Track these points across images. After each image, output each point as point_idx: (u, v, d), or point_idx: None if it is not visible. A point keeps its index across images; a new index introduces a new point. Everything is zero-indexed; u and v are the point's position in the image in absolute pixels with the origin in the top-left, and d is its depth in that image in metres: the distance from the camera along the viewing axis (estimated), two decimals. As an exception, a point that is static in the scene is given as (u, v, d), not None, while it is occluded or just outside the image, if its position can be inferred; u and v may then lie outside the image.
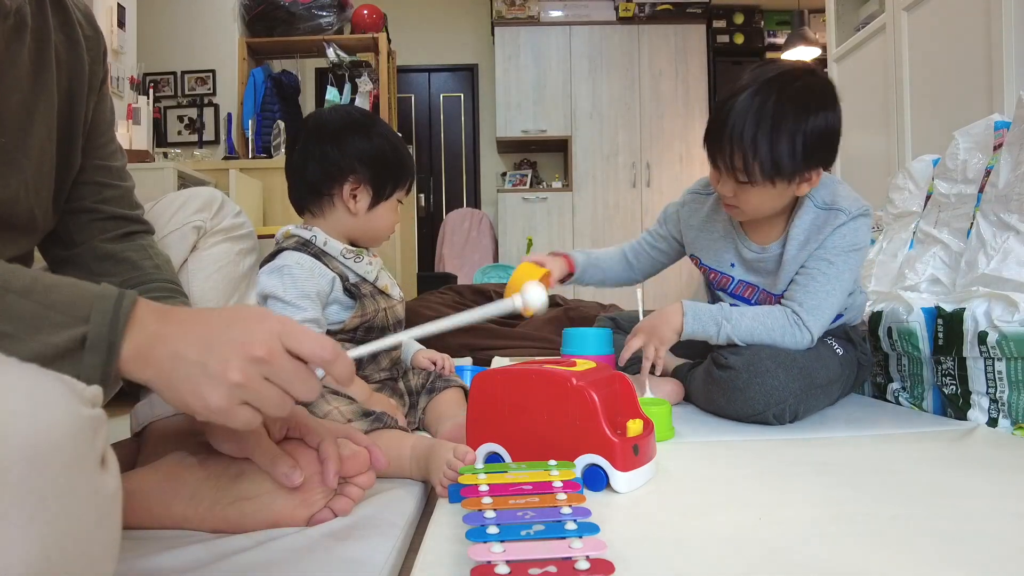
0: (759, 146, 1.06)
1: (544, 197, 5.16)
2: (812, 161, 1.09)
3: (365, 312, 1.07)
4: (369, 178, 1.07)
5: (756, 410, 1.09)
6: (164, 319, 0.53)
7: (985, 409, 1.10)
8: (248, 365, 0.50)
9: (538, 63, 5.19)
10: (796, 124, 1.06)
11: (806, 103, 1.07)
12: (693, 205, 1.35)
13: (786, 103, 1.06)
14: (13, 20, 0.65)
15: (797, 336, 1.14)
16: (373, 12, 3.65)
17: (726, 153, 1.10)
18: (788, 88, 1.07)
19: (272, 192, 3.17)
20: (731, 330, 1.15)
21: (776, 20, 5.27)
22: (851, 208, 1.15)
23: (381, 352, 1.10)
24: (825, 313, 1.15)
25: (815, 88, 1.09)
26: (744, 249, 1.25)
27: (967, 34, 2.00)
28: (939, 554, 0.59)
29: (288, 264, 1.01)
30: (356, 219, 1.08)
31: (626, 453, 0.76)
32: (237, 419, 0.51)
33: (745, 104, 1.07)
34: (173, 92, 4.01)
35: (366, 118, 1.10)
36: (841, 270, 1.15)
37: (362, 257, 1.09)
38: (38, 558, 0.29)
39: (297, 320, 0.98)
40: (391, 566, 0.60)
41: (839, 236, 1.15)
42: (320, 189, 1.07)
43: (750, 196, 1.13)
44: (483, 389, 0.83)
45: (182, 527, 0.66)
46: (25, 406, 0.31)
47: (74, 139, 0.76)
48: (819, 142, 1.08)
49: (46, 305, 0.51)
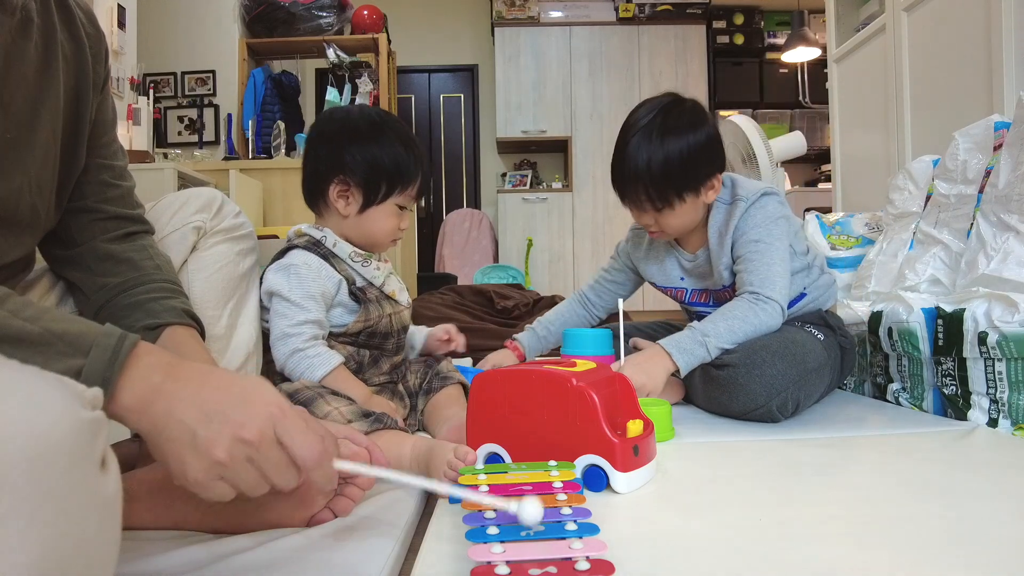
0: (655, 175, 1.20)
1: (544, 198, 5.16)
2: (705, 170, 1.22)
3: (369, 317, 1.07)
4: (359, 180, 1.06)
5: (759, 403, 1.10)
6: (170, 374, 0.53)
7: (985, 410, 1.10)
8: (236, 446, 0.50)
9: (538, 64, 5.19)
10: (679, 146, 1.19)
11: (679, 127, 1.21)
12: (635, 240, 1.49)
13: (665, 133, 1.20)
14: (19, 16, 0.65)
15: (767, 310, 1.19)
16: (373, 13, 3.65)
17: (633, 192, 1.24)
18: (663, 119, 1.22)
19: (272, 192, 3.17)
20: (716, 341, 1.17)
21: (776, 20, 5.26)
22: (750, 195, 1.26)
23: (382, 356, 1.11)
24: (776, 281, 1.20)
25: (684, 111, 1.24)
26: (683, 260, 1.38)
27: (967, 34, 2.00)
28: (939, 554, 0.59)
29: (296, 263, 1.02)
30: (347, 221, 1.08)
31: (626, 454, 0.76)
32: (210, 493, 0.51)
33: (634, 145, 1.22)
34: (173, 92, 4.01)
35: (371, 121, 1.09)
36: (770, 242, 1.22)
37: (370, 261, 1.10)
38: (39, 560, 0.29)
39: (299, 320, 0.98)
40: (391, 567, 0.60)
41: (749, 218, 1.24)
42: (312, 188, 1.09)
43: (669, 219, 1.25)
44: (483, 390, 0.83)
45: (182, 527, 0.67)
46: (25, 408, 0.31)
47: (79, 137, 0.76)
48: (704, 153, 1.21)
49: (52, 334, 0.51)
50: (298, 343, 0.98)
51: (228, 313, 0.93)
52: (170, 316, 0.76)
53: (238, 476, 0.51)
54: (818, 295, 1.35)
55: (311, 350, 0.98)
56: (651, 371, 1.14)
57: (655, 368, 1.15)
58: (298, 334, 0.98)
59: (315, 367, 0.97)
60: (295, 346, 0.98)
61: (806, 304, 1.34)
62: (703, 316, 1.33)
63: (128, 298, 0.77)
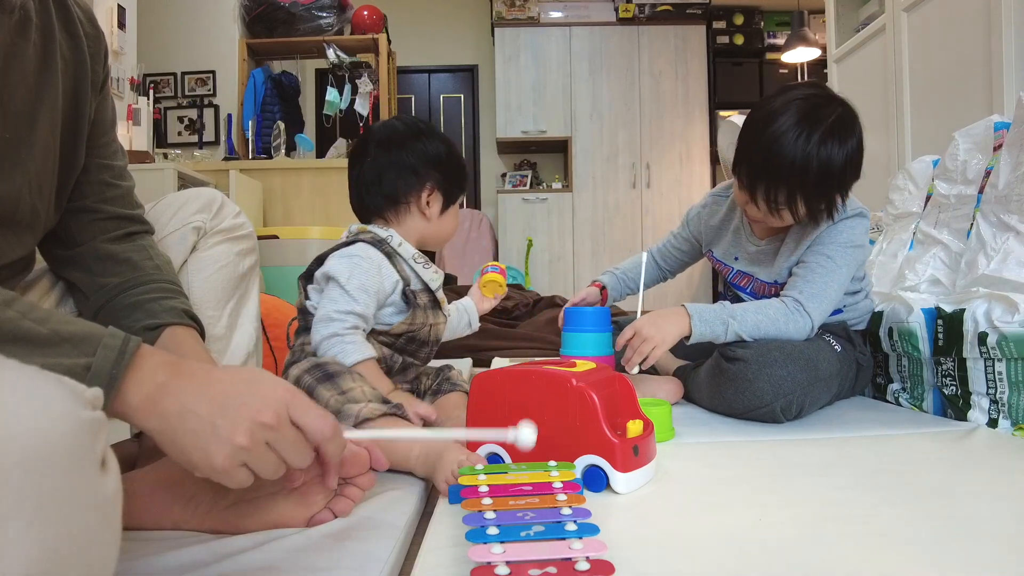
0: (801, 195, 1.12)
1: (544, 198, 5.16)
2: (851, 182, 1.15)
3: (414, 322, 1.10)
4: (440, 183, 1.12)
5: (764, 401, 1.10)
6: (175, 372, 0.54)
7: (985, 410, 1.10)
8: (256, 430, 0.52)
9: (538, 64, 5.19)
10: (835, 175, 1.11)
11: (840, 137, 1.10)
12: (713, 207, 1.45)
13: (826, 143, 1.09)
14: (18, 16, 0.65)
15: (799, 322, 1.17)
16: (373, 13, 3.65)
17: (769, 190, 1.13)
18: (825, 123, 1.10)
19: (272, 193, 3.17)
20: (738, 327, 1.16)
21: (776, 21, 5.26)
22: (852, 210, 1.21)
23: (412, 365, 1.14)
24: (822, 301, 1.18)
25: (846, 119, 1.12)
26: (748, 244, 1.35)
27: (967, 34, 2.00)
28: (939, 554, 0.59)
29: (360, 255, 1.04)
30: (429, 224, 1.13)
31: (626, 454, 0.76)
32: (233, 479, 0.53)
33: (790, 145, 1.09)
34: (173, 93, 4.02)
35: (426, 126, 1.15)
36: (838, 264, 1.19)
37: (431, 264, 1.13)
38: (38, 560, 0.29)
39: (346, 309, 1.00)
40: (391, 567, 0.60)
41: (835, 232, 1.20)
42: (398, 198, 1.11)
43: (783, 217, 1.18)
44: (484, 390, 0.84)
45: (182, 528, 0.66)
46: (25, 408, 0.31)
47: (78, 137, 0.76)
48: (850, 174, 1.13)
49: (60, 335, 0.53)
50: (339, 328, 1.00)
51: (228, 313, 0.93)
52: (170, 316, 0.76)
53: (259, 460, 0.53)
54: (852, 316, 1.33)
55: (349, 337, 1.00)
56: (663, 327, 1.14)
57: (668, 325, 1.15)
58: (341, 320, 1.00)
59: (348, 353, 0.98)
60: (335, 330, 1.00)
61: (837, 319, 1.31)
62: (738, 297, 1.35)
63: (128, 298, 0.77)
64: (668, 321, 1.16)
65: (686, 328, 1.16)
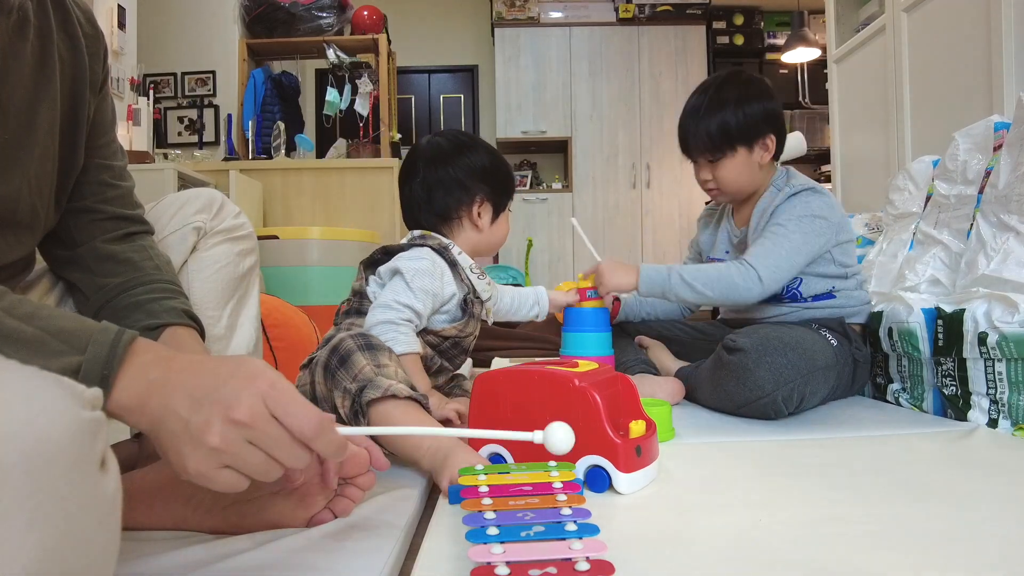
0: (711, 122, 1.32)
1: (544, 198, 5.16)
2: (759, 128, 1.32)
3: (464, 330, 1.12)
4: (488, 194, 1.15)
5: (766, 391, 1.10)
6: (166, 367, 0.51)
7: (985, 410, 1.10)
8: (228, 429, 0.47)
9: (538, 64, 5.19)
10: (738, 100, 1.31)
11: (742, 92, 1.32)
12: (707, 219, 1.60)
13: (726, 90, 1.33)
14: (16, 16, 0.65)
15: (745, 272, 1.24)
16: (373, 13, 3.65)
17: (691, 142, 1.36)
18: (727, 83, 1.34)
19: (272, 193, 3.17)
20: (679, 270, 1.27)
21: (776, 21, 5.26)
22: (797, 186, 1.32)
23: (445, 370, 1.16)
24: (772, 262, 1.24)
25: (752, 82, 1.36)
26: (732, 234, 1.47)
27: (967, 35, 2.00)
28: (939, 554, 0.59)
29: (428, 259, 1.07)
30: (482, 234, 1.17)
31: (629, 454, 0.76)
32: (217, 483, 0.48)
33: (695, 102, 1.36)
34: (173, 93, 4.02)
35: (469, 139, 1.19)
36: (790, 230, 1.27)
37: (484, 276, 1.15)
38: (38, 560, 0.29)
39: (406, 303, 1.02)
40: (391, 567, 0.60)
41: (788, 205, 1.30)
42: (450, 214, 1.14)
43: (723, 172, 1.35)
44: (485, 389, 0.83)
45: (182, 528, 0.66)
46: (25, 409, 0.31)
47: (77, 137, 0.76)
48: (760, 114, 1.31)
49: (48, 332, 0.51)
50: (395, 316, 1.02)
51: (228, 313, 0.93)
52: (170, 316, 0.76)
53: (242, 461, 0.48)
54: (846, 303, 1.35)
55: (403, 328, 1.02)
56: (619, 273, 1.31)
57: (626, 272, 1.31)
58: (399, 311, 1.02)
59: (398, 342, 1.00)
60: (390, 317, 1.02)
61: (831, 308, 1.34)
62: None
63: (128, 298, 0.77)
64: (626, 270, 1.32)
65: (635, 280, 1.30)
